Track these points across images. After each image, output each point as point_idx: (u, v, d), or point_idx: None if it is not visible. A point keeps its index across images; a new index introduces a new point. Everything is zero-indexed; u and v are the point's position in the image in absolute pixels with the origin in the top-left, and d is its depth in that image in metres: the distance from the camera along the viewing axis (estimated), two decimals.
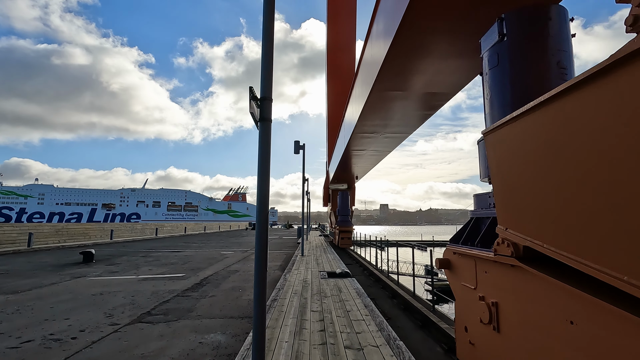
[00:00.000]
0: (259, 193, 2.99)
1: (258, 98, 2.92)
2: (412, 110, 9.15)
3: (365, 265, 13.44)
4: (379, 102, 8.68)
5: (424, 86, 7.40)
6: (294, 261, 12.94)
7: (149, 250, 20.04)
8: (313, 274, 9.67)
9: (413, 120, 10.29)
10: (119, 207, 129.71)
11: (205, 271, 11.57)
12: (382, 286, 9.43)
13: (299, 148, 15.19)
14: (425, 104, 8.63)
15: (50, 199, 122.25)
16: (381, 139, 11.79)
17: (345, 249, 20.64)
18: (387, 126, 10.77)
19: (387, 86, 7.59)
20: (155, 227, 36.01)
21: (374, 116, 9.89)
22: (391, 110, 9.21)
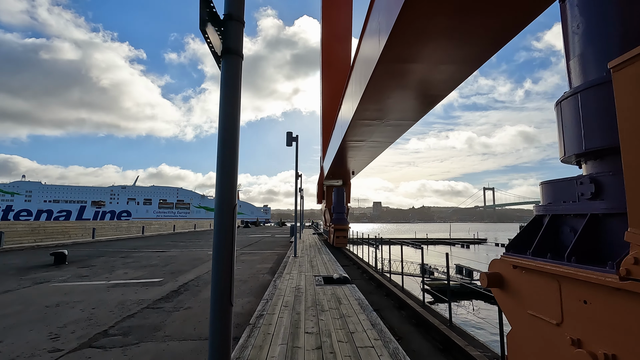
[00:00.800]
0: (222, 162, 1.84)
1: (219, 18, 1.75)
2: (410, 104, 8.75)
3: (363, 267, 12.33)
4: (376, 94, 8.15)
5: (420, 82, 7.24)
6: (286, 263, 11.79)
7: (131, 250, 18.71)
8: (307, 279, 8.52)
9: (412, 113, 9.56)
10: (109, 204, 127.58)
11: (186, 275, 10.35)
12: (385, 293, 8.32)
13: (292, 140, 14.00)
14: (424, 99, 8.38)
15: (38, 196, 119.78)
16: (382, 127, 10.65)
17: (340, 248, 19.53)
18: (386, 117, 9.75)
19: (385, 78, 7.22)
20: (142, 225, 34.52)
21: (372, 107, 8.98)
22: (389, 101, 8.66)
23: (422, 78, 6.97)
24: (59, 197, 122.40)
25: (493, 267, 2.82)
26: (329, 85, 23.92)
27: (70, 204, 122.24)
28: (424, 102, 8.52)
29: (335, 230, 19.44)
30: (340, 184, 23.33)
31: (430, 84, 7.26)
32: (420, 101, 8.47)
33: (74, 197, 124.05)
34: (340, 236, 19.47)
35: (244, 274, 10.39)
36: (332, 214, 20.99)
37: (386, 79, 7.15)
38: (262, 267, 11.82)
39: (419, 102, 8.57)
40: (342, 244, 19.58)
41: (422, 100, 8.39)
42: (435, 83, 7.20)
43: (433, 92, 7.77)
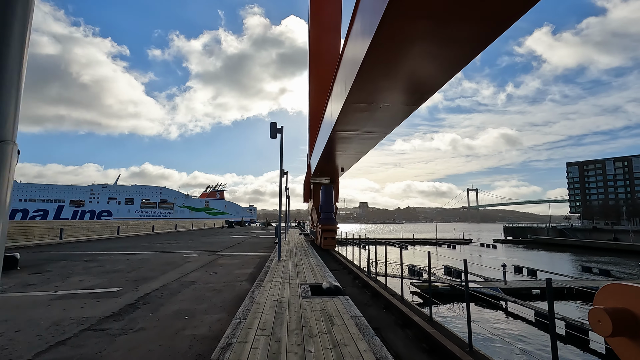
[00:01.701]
0: None
1: None
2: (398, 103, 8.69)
3: (354, 271, 11.12)
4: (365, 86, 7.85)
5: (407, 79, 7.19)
6: (269, 268, 10.48)
7: (100, 253, 17.03)
8: (292, 288, 7.25)
9: (400, 114, 9.34)
10: (89, 204, 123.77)
11: (151, 283, 8.92)
12: (383, 306, 7.10)
13: (277, 132, 12.68)
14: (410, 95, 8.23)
15: (13, 195, 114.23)
16: (376, 114, 9.52)
17: (328, 250, 18.28)
18: (378, 102, 8.81)
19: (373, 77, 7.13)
20: (117, 225, 32.50)
21: (363, 95, 8.35)
22: (378, 96, 8.39)
23: (410, 74, 6.89)
24: (35, 196, 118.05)
25: (611, 297, 1.61)
26: (317, 76, 22.67)
27: (47, 203, 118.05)
28: (413, 95, 8.25)
29: (323, 231, 18.18)
30: (328, 182, 22.12)
31: (417, 82, 7.26)
32: (410, 94, 8.19)
33: (52, 196, 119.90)
34: (329, 237, 18.23)
35: (219, 281, 9.03)
36: (319, 214, 19.72)
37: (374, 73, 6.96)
38: (241, 272, 10.46)
39: (407, 96, 8.31)
40: (331, 245, 18.34)
41: (411, 92, 8.10)
42: (422, 81, 7.20)
43: (420, 89, 7.70)
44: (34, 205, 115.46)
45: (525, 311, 16.08)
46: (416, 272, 27.83)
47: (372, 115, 9.55)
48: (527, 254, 49.08)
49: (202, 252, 17.22)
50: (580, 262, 38.16)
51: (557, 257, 46.11)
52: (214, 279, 9.30)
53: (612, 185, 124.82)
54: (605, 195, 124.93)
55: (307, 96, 24.38)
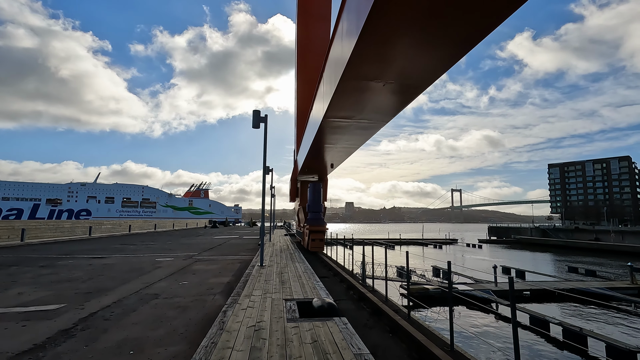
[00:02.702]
0: None
1: None
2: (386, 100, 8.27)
3: (347, 279, 9.78)
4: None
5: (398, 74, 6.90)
6: (249, 275, 9.05)
7: (61, 257, 15.21)
8: (274, 305, 5.86)
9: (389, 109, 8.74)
10: (67, 202, 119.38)
11: (105, 296, 7.37)
12: (389, 328, 5.74)
13: (260, 121, 11.22)
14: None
15: None
16: (368, 107, 8.40)
17: (316, 253, 16.91)
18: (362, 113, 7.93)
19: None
20: (89, 225, 30.30)
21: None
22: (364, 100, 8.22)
23: (401, 68, 6.64)
24: (8, 194, 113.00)
25: None
26: (304, 67, 21.27)
27: (22, 202, 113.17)
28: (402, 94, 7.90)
29: (310, 232, 16.78)
30: (317, 179, 20.76)
31: (406, 76, 6.96)
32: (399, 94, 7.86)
33: (27, 195, 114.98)
34: (317, 239, 16.84)
35: (187, 294, 7.54)
36: (306, 214, 18.31)
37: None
38: (217, 282, 8.97)
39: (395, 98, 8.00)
40: (319, 248, 16.96)
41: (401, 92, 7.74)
42: (411, 77, 6.95)
43: (409, 82, 7.29)
44: (7, 204, 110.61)
45: (519, 315, 15.30)
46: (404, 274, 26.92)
47: (364, 105, 8.66)
48: (512, 254, 48.97)
49: (177, 256, 15.60)
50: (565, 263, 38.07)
51: (541, 257, 46.09)
52: (182, 291, 7.81)
53: (591, 186, 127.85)
54: (585, 196, 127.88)
55: (295, 88, 22.94)
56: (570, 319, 15.61)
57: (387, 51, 5.82)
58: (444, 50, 5.70)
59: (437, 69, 6.42)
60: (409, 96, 7.88)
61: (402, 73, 6.67)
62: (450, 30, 5.06)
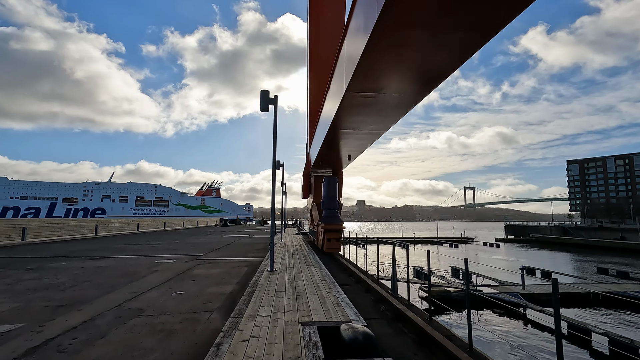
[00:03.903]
0: None
1: None
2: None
3: (373, 287, 8.14)
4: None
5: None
6: (256, 284, 7.51)
7: (56, 258, 13.98)
8: (287, 333, 4.30)
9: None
10: (82, 201, 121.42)
11: (78, 312, 5.92)
12: None
13: (269, 102, 9.63)
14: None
15: (4, 193, 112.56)
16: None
17: (332, 254, 15.29)
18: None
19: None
20: (95, 223, 29.34)
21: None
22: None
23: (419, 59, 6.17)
24: (27, 193, 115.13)
25: None
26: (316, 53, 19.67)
27: (39, 201, 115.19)
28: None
29: (325, 232, 15.15)
30: (331, 174, 19.12)
31: (426, 65, 6.42)
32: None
33: (44, 194, 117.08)
34: (332, 239, 15.19)
35: (178, 310, 6.03)
36: (321, 211, 16.68)
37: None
38: (216, 292, 7.45)
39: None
40: (335, 248, 15.31)
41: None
42: (432, 64, 6.40)
43: (432, 70, 6.68)
44: (25, 203, 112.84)
45: (549, 320, 13.63)
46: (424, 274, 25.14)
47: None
48: (532, 254, 46.67)
49: (180, 257, 14.21)
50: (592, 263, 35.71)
51: (563, 256, 43.69)
52: (172, 305, 6.30)
53: (613, 183, 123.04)
54: (606, 193, 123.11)
55: (307, 75, 21.36)
56: (611, 326, 13.87)
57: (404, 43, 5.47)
58: (461, 42, 5.38)
59: (454, 61, 6.06)
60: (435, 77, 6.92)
61: (427, 57, 6.06)
62: (468, 19, 4.80)
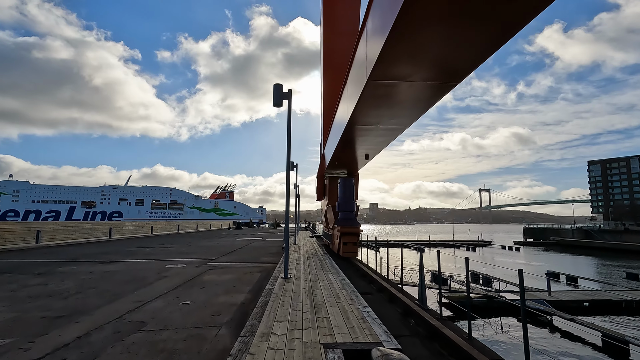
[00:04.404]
0: None
1: None
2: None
3: (398, 297, 7.38)
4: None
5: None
6: (270, 294, 6.85)
7: (66, 262, 13.67)
8: (307, 359, 3.61)
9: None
10: (100, 205, 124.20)
11: (75, 325, 5.37)
12: None
13: (282, 97, 9.01)
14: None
15: (26, 196, 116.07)
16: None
17: (349, 259, 14.55)
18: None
19: None
20: (109, 226, 29.33)
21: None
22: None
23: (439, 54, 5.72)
24: (47, 197, 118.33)
25: None
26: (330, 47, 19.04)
27: (59, 204, 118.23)
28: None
29: (342, 235, 14.43)
30: (346, 174, 18.38)
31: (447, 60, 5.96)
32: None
33: (64, 198, 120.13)
34: (349, 242, 14.45)
35: (183, 324, 5.41)
36: (336, 213, 15.96)
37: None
38: (227, 302, 6.82)
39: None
40: (352, 252, 14.56)
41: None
42: (453, 57, 5.84)
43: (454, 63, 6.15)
44: (46, 207, 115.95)
45: (582, 330, 12.62)
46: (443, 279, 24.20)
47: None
48: (553, 258, 44.80)
49: (192, 261, 13.70)
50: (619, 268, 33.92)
51: (586, 261, 41.73)
52: (178, 318, 5.70)
53: (638, 184, 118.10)
54: (631, 194, 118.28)
55: (320, 73, 20.75)
56: None
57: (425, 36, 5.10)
58: (485, 37, 5.08)
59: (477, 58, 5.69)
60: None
61: (449, 52, 5.68)
62: (491, 15, 4.55)
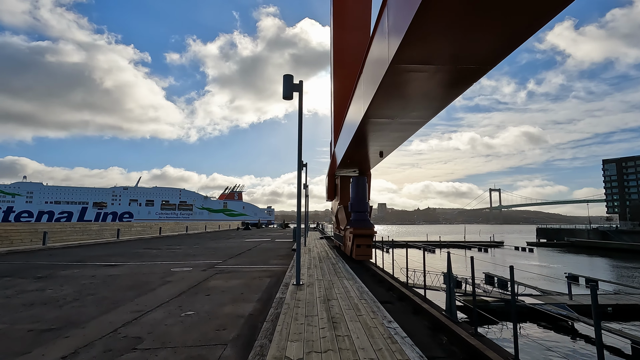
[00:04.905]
0: None
1: None
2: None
3: (422, 307, 6.65)
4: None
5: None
6: (281, 304, 6.18)
7: (70, 264, 13.23)
8: None
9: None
10: (111, 205, 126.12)
11: (63, 341, 4.76)
12: None
13: (293, 89, 8.34)
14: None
15: (39, 198, 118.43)
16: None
17: (362, 262, 13.81)
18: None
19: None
20: (117, 227, 29.07)
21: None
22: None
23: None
24: (60, 198, 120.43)
25: None
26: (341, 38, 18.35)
27: (71, 205, 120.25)
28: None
29: (355, 237, 13.70)
30: (357, 174, 17.65)
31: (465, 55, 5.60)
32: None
33: (76, 199, 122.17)
34: (363, 245, 13.71)
35: (184, 340, 4.76)
36: (349, 214, 15.24)
37: None
38: (234, 313, 6.16)
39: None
40: (366, 255, 13.81)
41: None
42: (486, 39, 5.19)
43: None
44: (59, 207, 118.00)
45: (609, 337, 11.61)
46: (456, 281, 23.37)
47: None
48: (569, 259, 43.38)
49: (198, 264, 13.12)
50: None
51: (603, 262, 40.26)
52: (177, 333, 5.05)
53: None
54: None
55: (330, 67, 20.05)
56: None
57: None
58: (509, 31, 4.79)
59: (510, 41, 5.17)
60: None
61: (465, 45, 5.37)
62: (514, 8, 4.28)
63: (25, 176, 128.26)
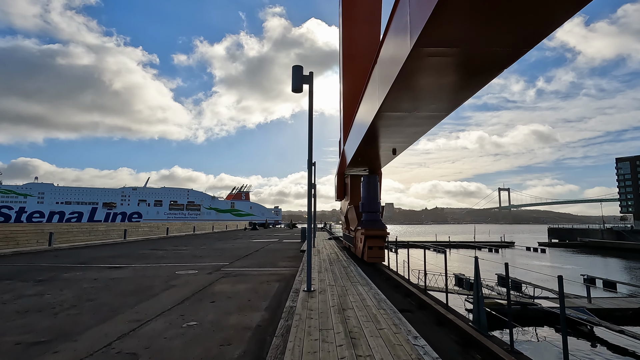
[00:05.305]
0: None
1: None
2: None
3: (445, 316, 6.06)
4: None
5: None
6: (291, 315, 5.64)
7: (74, 267, 12.87)
8: None
9: None
10: (120, 206, 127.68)
11: (56, 354, 4.28)
12: None
13: (303, 81, 7.78)
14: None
15: (50, 198, 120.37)
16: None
17: (374, 265, 13.20)
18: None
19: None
20: (124, 228, 28.86)
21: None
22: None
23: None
24: (70, 198, 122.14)
25: None
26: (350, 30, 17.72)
27: (82, 206, 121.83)
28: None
29: (367, 238, 13.09)
30: (368, 172, 17.04)
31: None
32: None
33: (86, 199, 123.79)
34: (375, 247, 13.10)
35: (185, 355, 4.23)
36: (360, 214, 14.65)
37: None
38: (240, 324, 5.62)
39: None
40: (378, 258, 13.19)
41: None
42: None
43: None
44: (69, 208, 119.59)
45: (630, 342, 11.43)
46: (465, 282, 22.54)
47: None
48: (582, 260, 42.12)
49: (204, 267, 12.66)
50: None
51: (618, 263, 39.03)
52: (177, 348, 4.53)
53: None
54: None
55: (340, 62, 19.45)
56: None
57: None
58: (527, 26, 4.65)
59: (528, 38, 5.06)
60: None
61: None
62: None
63: (36, 177, 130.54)
